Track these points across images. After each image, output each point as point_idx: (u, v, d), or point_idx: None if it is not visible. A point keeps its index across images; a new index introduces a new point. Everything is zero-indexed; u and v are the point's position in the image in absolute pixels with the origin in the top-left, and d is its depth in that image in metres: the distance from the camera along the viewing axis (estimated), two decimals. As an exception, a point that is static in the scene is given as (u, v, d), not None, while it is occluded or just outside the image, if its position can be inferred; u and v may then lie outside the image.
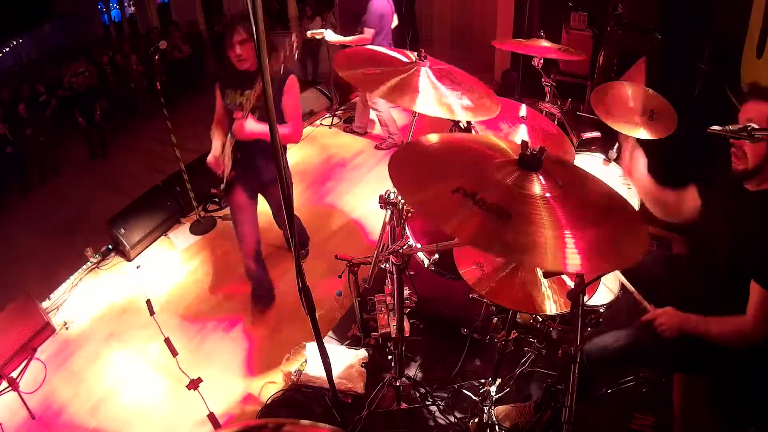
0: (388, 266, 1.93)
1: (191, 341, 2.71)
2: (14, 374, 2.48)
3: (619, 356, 1.58)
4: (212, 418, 2.24)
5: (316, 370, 2.28)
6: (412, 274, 2.11)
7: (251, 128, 2.12)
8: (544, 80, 2.80)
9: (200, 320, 2.84)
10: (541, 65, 2.76)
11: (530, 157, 1.11)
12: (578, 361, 1.13)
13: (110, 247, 3.53)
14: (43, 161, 6.98)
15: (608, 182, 1.27)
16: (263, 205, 2.57)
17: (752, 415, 1.64)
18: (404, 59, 1.81)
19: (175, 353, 2.61)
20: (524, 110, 2.19)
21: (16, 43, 11.98)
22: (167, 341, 2.69)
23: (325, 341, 1.72)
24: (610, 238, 1.06)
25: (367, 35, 3.79)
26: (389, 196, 1.73)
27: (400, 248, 1.55)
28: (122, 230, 3.38)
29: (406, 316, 1.90)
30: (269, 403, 2.26)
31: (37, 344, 2.66)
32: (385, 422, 2.06)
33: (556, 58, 2.69)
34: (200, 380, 2.40)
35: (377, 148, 4.46)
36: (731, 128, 1.27)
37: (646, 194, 1.80)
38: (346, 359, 2.31)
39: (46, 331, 2.70)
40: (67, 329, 2.92)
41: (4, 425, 2.38)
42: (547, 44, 2.69)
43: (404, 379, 2.02)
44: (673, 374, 2.06)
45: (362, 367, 2.29)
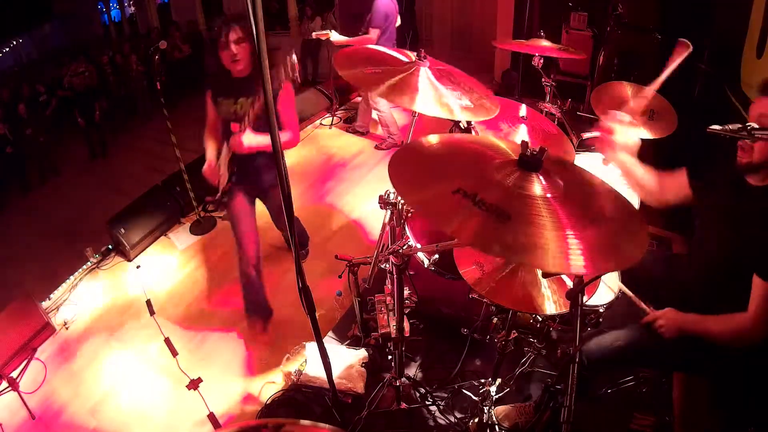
0: (388, 266, 1.93)
1: (191, 341, 2.71)
2: (14, 374, 2.48)
3: (618, 356, 1.58)
4: (212, 418, 2.24)
5: (316, 370, 2.28)
6: (412, 274, 2.10)
7: (250, 142, 2.09)
8: (544, 80, 2.80)
9: (200, 320, 2.84)
10: (541, 65, 2.76)
11: (530, 157, 1.10)
12: (577, 361, 1.13)
13: (110, 247, 3.53)
14: (43, 161, 6.99)
15: (608, 182, 1.27)
16: (260, 205, 2.57)
17: (752, 415, 1.64)
18: (404, 59, 1.81)
19: (175, 353, 2.61)
20: (524, 110, 2.19)
21: (16, 43, 11.99)
22: (167, 341, 2.69)
23: (325, 341, 1.72)
24: (611, 238, 1.05)
25: (372, 35, 3.74)
26: (389, 196, 1.74)
27: (400, 248, 1.55)
28: (122, 230, 3.38)
29: (406, 316, 1.90)
30: (269, 403, 2.26)
31: (37, 344, 2.67)
32: (385, 422, 2.06)
33: (556, 57, 2.69)
34: (200, 380, 2.41)
35: (377, 148, 4.46)
36: (731, 128, 1.27)
37: (625, 172, 1.72)
38: (346, 359, 2.31)
39: (46, 331, 2.70)
40: (67, 329, 2.92)
41: (4, 425, 2.38)
42: (547, 44, 2.69)
43: (404, 379, 2.01)
44: (673, 374, 2.06)
45: (362, 367, 2.29)
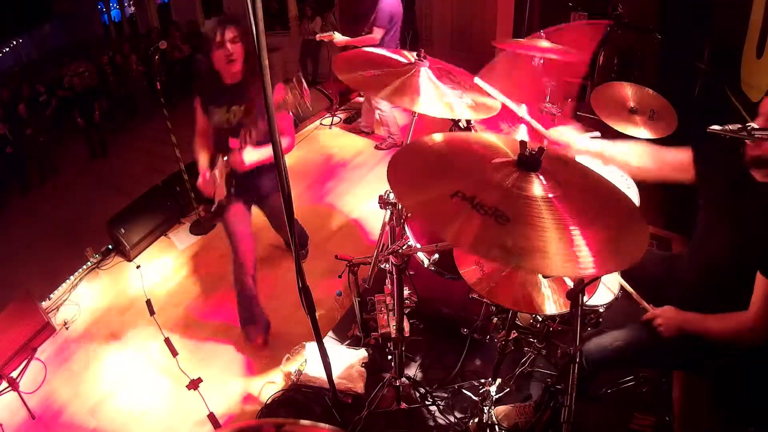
0: (388, 266, 1.93)
1: (191, 341, 2.70)
2: (14, 374, 2.48)
3: (618, 356, 1.58)
4: (212, 418, 2.24)
5: (316, 370, 2.28)
6: (412, 274, 2.10)
7: (251, 159, 2.08)
8: (544, 80, 2.80)
9: (200, 320, 2.84)
10: (541, 65, 2.76)
11: (529, 157, 1.09)
12: (577, 361, 1.12)
13: (110, 247, 3.54)
14: (43, 161, 6.99)
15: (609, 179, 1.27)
16: (255, 208, 2.54)
17: (752, 414, 1.64)
18: (404, 60, 1.81)
19: (175, 353, 2.61)
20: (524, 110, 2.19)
21: (16, 43, 11.99)
22: (167, 341, 2.69)
23: (325, 341, 1.72)
24: (614, 236, 1.04)
25: (375, 35, 3.72)
26: (389, 196, 1.73)
27: (399, 248, 1.55)
28: (122, 230, 3.38)
29: (406, 316, 1.90)
30: (269, 403, 2.26)
31: (37, 344, 2.66)
32: (385, 422, 2.06)
33: (556, 58, 2.68)
34: (200, 380, 2.41)
35: (377, 148, 4.46)
36: (731, 128, 1.26)
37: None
38: (346, 359, 2.31)
39: (46, 331, 2.70)
40: (67, 329, 2.92)
41: (4, 425, 2.38)
42: (546, 45, 2.69)
43: (404, 379, 2.01)
44: (673, 374, 2.06)
45: (362, 367, 2.29)
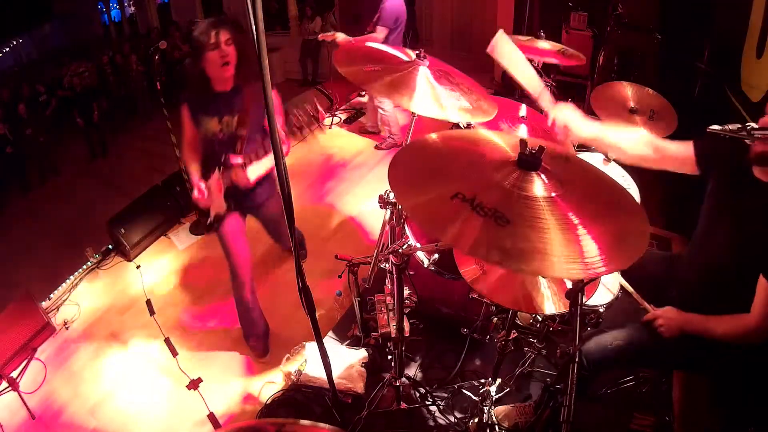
0: (388, 266, 1.93)
1: (191, 341, 2.71)
2: (14, 374, 2.48)
3: (618, 355, 1.58)
4: (212, 418, 2.24)
5: (316, 370, 2.28)
6: (412, 274, 2.10)
7: (257, 174, 2.05)
8: (544, 80, 2.80)
9: (200, 320, 2.84)
10: (541, 65, 2.76)
11: (530, 156, 1.08)
12: (577, 360, 1.12)
13: (110, 247, 3.54)
14: (43, 161, 6.99)
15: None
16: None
17: (752, 414, 1.64)
18: (404, 57, 1.81)
19: (175, 353, 2.61)
20: (524, 110, 2.19)
21: (16, 43, 11.99)
22: (167, 341, 2.69)
23: (325, 341, 1.72)
24: (619, 231, 1.03)
25: (379, 35, 3.68)
26: (389, 195, 1.73)
27: (399, 248, 1.54)
28: (122, 230, 3.38)
29: (406, 316, 1.90)
30: (269, 403, 2.26)
31: (37, 344, 2.67)
32: (385, 422, 2.06)
33: (555, 62, 2.69)
34: (200, 380, 2.40)
35: (377, 148, 4.46)
36: (730, 128, 1.26)
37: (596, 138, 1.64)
38: (346, 359, 2.31)
39: (46, 331, 2.71)
40: (67, 329, 2.92)
41: (4, 425, 2.38)
42: (546, 45, 2.69)
43: (404, 379, 2.01)
44: (673, 373, 2.06)
45: (362, 367, 2.29)
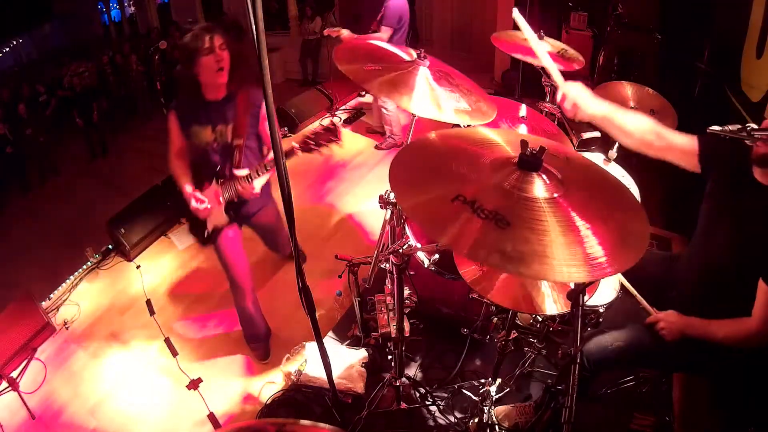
0: (388, 266, 1.93)
1: (191, 341, 2.71)
2: (14, 374, 2.48)
3: (619, 356, 1.58)
4: (212, 418, 2.24)
5: (316, 370, 2.28)
6: (412, 274, 2.10)
7: (262, 184, 2.08)
8: (544, 80, 2.80)
9: (200, 320, 2.84)
10: (541, 66, 2.76)
11: (530, 156, 1.07)
12: (578, 361, 1.12)
13: (110, 247, 3.53)
14: (43, 161, 7.00)
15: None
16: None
17: (752, 415, 1.64)
18: (405, 57, 1.81)
19: (175, 353, 2.61)
20: (524, 110, 2.19)
21: (16, 43, 12.00)
22: (167, 341, 2.69)
23: (325, 341, 1.72)
24: (622, 230, 1.02)
25: (383, 34, 3.70)
26: (389, 195, 1.73)
27: (400, 248, 1.54)
28: (122, 230, 3.38)
29: (406, 316, 1.90)
30: (269, 403, 2.26)
31: (37, 344, 2.67)
32: (385, 422, 2.06)
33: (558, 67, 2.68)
34: (200, 380, 2.41)
35: (377, 148, 4.46)
36: (730, 128, 1.26)
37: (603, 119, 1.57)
38: (346, 359, 2.31)
39: (46, 331, 2.71)
40: (67, 329, 2.92)
41: (4, 425, 2.38)
42: (546, 45, 2.69)
43: (404, 379, 2.01)
44: (673, 374, 2.06)
45: (362, 367, 2.29)
